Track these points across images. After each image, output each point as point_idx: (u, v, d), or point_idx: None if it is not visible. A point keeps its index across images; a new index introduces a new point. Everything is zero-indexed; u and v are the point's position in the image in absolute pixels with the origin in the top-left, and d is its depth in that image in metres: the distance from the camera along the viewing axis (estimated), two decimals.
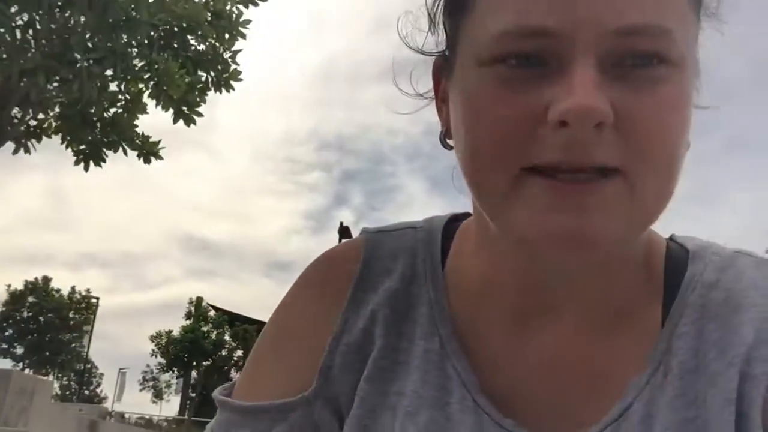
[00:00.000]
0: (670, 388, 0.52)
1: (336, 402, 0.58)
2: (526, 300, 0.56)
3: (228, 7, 8.16)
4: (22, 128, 8.12)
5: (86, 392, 39.67)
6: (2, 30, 7.11)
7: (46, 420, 6.74)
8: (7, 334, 33.81)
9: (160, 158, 8.56)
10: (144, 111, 8.33)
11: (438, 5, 0.57)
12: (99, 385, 42.85)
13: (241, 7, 8.23)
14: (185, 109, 8.20)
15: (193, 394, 38.39)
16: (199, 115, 8.35)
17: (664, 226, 0.55)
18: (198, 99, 8.28)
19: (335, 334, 0.59)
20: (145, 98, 8.23)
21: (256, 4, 8.27)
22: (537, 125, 0.45)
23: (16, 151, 8.23)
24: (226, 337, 39.39)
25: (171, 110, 8.21)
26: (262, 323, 0.67)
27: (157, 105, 8.20)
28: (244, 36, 8.35)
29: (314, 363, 0.59)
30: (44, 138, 8.42)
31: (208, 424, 0.62)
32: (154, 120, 8.54)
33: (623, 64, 0.45)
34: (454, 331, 0.58)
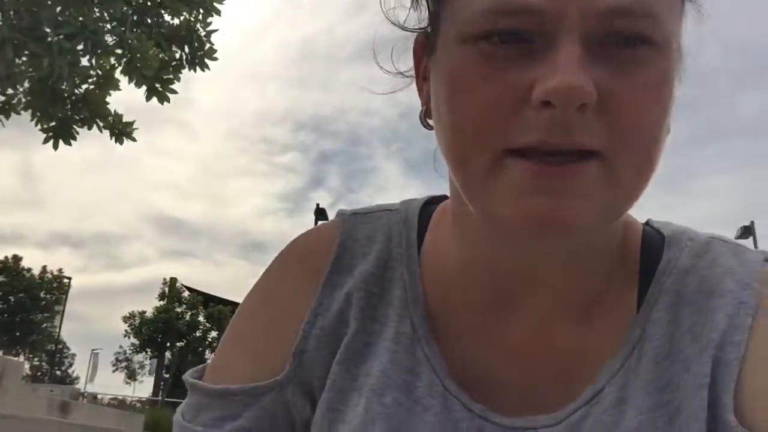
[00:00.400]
0: (644, 372, 0.53)
1: (309, 385, 0.58)
2: (500, 284, 0.56)
3: None
4: None
5: (58, 373, 39.38)
6: None
7: (16, 401, 6.66)
8: None
9: (133, 139, 8.41)
10: (116, 87, 8.16)
11: None
12: (71, 366, 42.61)
13: None
14: (159, 86, 8.06)
15: (167, 375, 38.25)
16: (173, 92, 8.20)
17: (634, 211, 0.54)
18: (172, 77, 8.14)
19: (309, 318, 0.59)
20: (118, 74, 8.07)
21: None
22: (520, 104, 0.45)
23: None
24: (201, 318, 39.25)
25: (144, 87, 8.07)
26: (237, 304, 0.67)
27: (130, 82, 8.05)
28: (219, 12, 8.18)
29: (287, 346, 0.58)
30: (13, 114, 8.23)
31: (178, 407, 0.61)
32: (126, 96, 8.39)
33: (607, 44, 0.45)
34: (426, 315, 0.58)
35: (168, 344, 38.81)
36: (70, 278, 37.04)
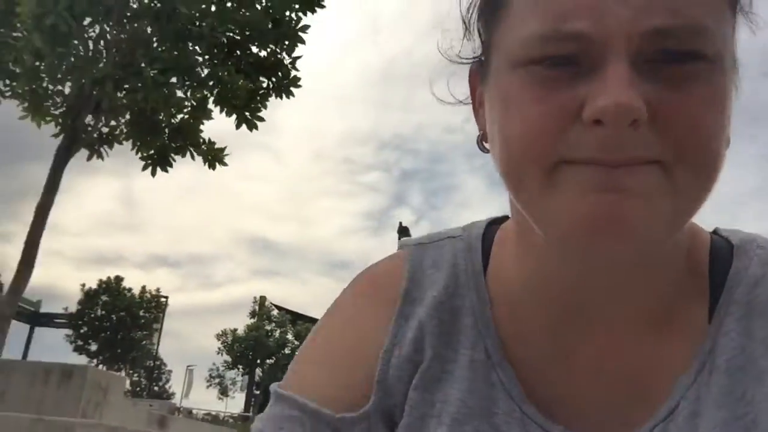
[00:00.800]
0: (716, 385, 0.52)
1: (390, 414, 0.59)
2: (568, 301, 0.56)
3: (288, 14, 8.32)
4: (95, 135, 8.49)
5: (156, 388, 40.93)
6: (76, 42, 7.47)
7: (119, 414, 7.04)
8: (81, 331, 35.24)
9: (225, 164, 8.79)
10: (209, 117, 8.58)
11: (472, 12, 0.58)
12: (168, 381, 44.22)
13: (300, 14, 8.37)
14: (248, 114, 8.42)
15: (258, 392, 39.15)
16: (261, 119, 8.55)
17: None
18: (260, 105, 8.48)
19: (387, 347, 0.60)
20: (210, 105, 8.47)
21: (314, 11, 8.41)
22: (571, 123, 0.46)
23: (90, 158, 8.62)
24: (289, 336, 40.03)
25: (234, 116, 8.44)
26: None
27: (221, 111, 8.45)
28: (303, 41, 8.49)
29: (370, 374, 0.59)
30: (115, 144, 8.77)
31: (255, 419, 0.62)
32: (217, 123, 8.78)
33: (657, 61, 0.46)
34: (498, 340, 0.58)
35: (258, 361, 39.81)
36: (167, 297, 38.67)
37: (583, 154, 0.46)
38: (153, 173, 8.60)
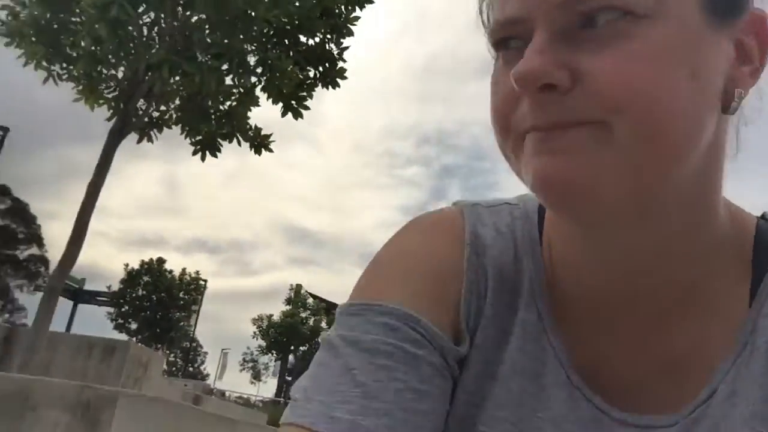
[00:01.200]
0: (756, 366, 0.53)
1: (461, 361, 0.58)
2: (611, 277, 0.56)
3: (338, 5, 8.38)
4: (146, 119, 8.71)
5: (191, 369, 41.75)
6: (131, 28, 7.67)
7: (156, 390, 7.25)
8: (122, 310, 36.14)
9: (271, 151, 8.92)
10: (256, 104, 8.70)
11: (483, 4, 0.59)
12: (203, 363, 45.16)
13: (350, 6, 8.43)
14: (294, 103, 8.53)
15: (290, 378, 39.65)
16: (306, 108, 8.65)
17: None
18: (306, 94, 8.57)
19: (465, 295, 0.59)
20: (258, 92, 8.60)
21: (363, 7, 8.46)
22: (521, 99, 0.50)
23: (140, 141, 8.84)
24: (323, 325, 40.37)
25: (280, 104, 8.55)
26: None
27: (267, 99, 8.57)
28: (352, 33, 8.56)
29: (453, 309, 0.58)
30: (162, 130, 8.96)
31: (322, 333, 0.58)
32: (262, 111, 8.91)
33: (577, 28, 0.48)
34: (551, 306, 0.60)
35: (292, 348, 40.29)
36: (206, 281, 39.35)
37: (527, 124, 0.49)
38: (202, 158, 8.76)
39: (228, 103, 8.77)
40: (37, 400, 3.77)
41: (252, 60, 8.23)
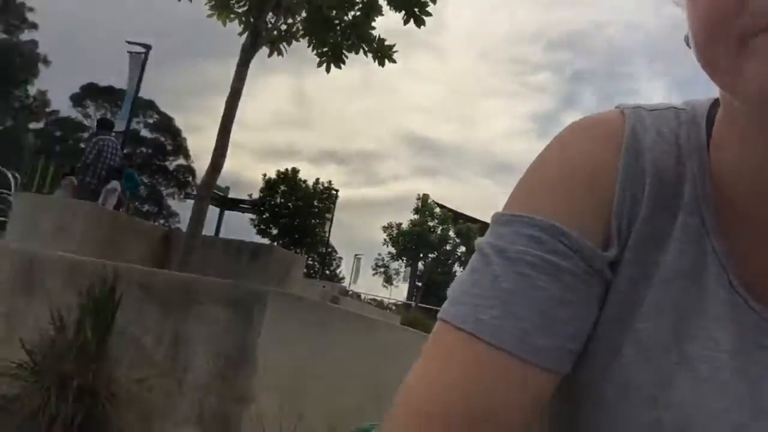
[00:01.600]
0: None
1: (606, 268, 0.57)
2: None
3: None
4: (275, 33, 8.96)
5: (327, 272, 44.02)
6: None
7: (298, 291, 7.81)
8: (264, 216, 38.43)
9: (394, 61, 8.93)
10: (380, 13, 8.67)
11: None
12: (338, 267, 47.32)
13: None
14: (416, 10, 8.42)
15: (419, 284, 40.97)
16: (429, 14, 8.50)
17: None
18: (428, 0, 8.42)
19: (619, 199, 0.57)
20: (380, 1, 8.55)
21: None
22: None
23: (270, 54, 9.12)
24: (451, 233, 40.93)
25: (402, 12, 8.47)
26: (485, 223, 0.63)
27: (389, 7, 8.51)
28: None
29: (605, 217, 0.57)
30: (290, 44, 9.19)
31: (476, 240, 0.59)
32: (383, 22, 8.86)
33: None
34: (716, 211, 0.58)
35: (421, 255, 41.34)
36: (337, 190, 40.70)
37: (763, 21, 0.44)
38: (327, 69, 8.95)
39: (351, 13, 8.80)
40: (199, 296, 4.27)
41: None
